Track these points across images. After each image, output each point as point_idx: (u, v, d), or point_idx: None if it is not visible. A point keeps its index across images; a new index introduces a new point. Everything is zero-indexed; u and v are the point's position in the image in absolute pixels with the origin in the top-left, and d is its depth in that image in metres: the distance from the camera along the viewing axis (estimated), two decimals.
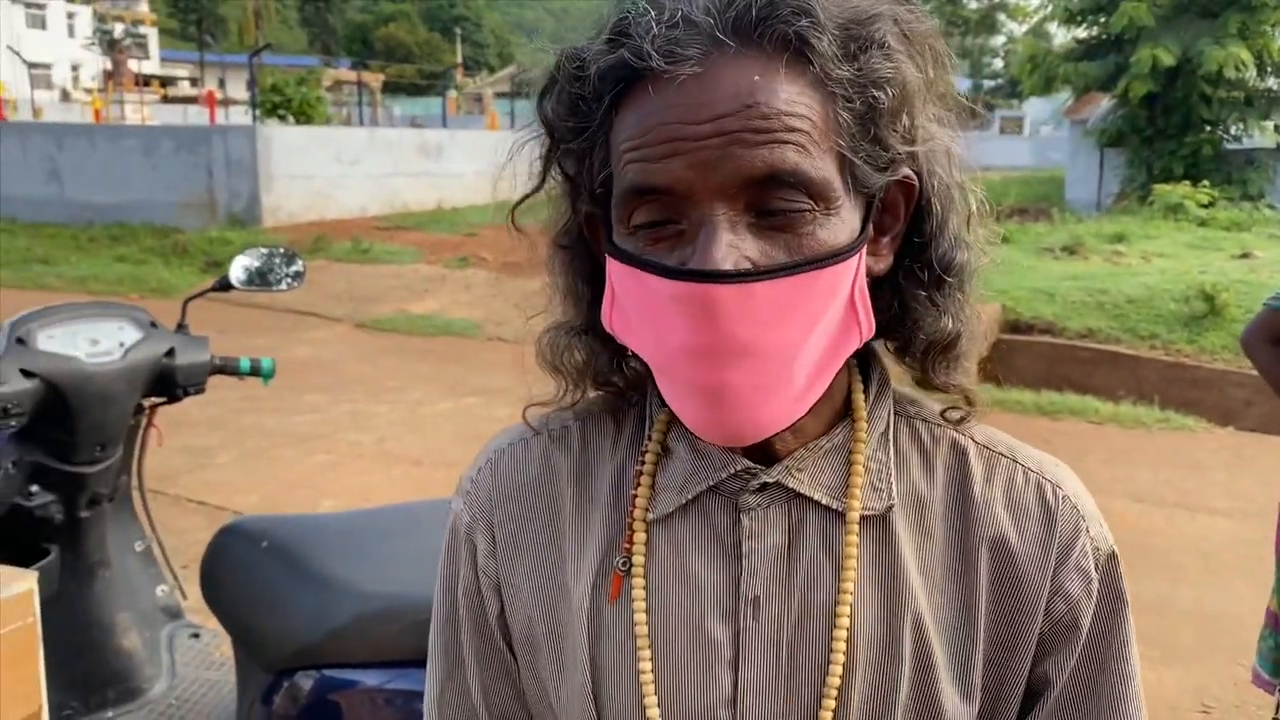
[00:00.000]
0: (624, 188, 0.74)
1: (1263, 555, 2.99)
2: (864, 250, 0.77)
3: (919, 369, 0.84)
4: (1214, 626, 4.18)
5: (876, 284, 0.81)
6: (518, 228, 0.87)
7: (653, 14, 0.72)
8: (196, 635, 2.74)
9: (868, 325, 0.78)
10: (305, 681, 1.99)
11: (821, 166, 0.71)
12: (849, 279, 0.75)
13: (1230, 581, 4.57)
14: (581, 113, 0.76)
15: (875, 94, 0.73)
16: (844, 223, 0.74)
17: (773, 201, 0.71)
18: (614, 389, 0.88)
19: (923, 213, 0.80)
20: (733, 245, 0.70)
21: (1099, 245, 13.96)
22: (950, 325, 0.82)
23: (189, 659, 2.69)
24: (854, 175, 0.74)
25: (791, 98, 0.71)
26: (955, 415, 0.86)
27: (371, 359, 8.88)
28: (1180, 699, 3.68)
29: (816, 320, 0.73)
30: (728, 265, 0.69)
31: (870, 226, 0.77)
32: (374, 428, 6.76)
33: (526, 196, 0.85)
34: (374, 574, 2.01)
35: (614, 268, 0.77)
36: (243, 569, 2.16)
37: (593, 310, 0.84)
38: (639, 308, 0.75)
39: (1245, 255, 13.00)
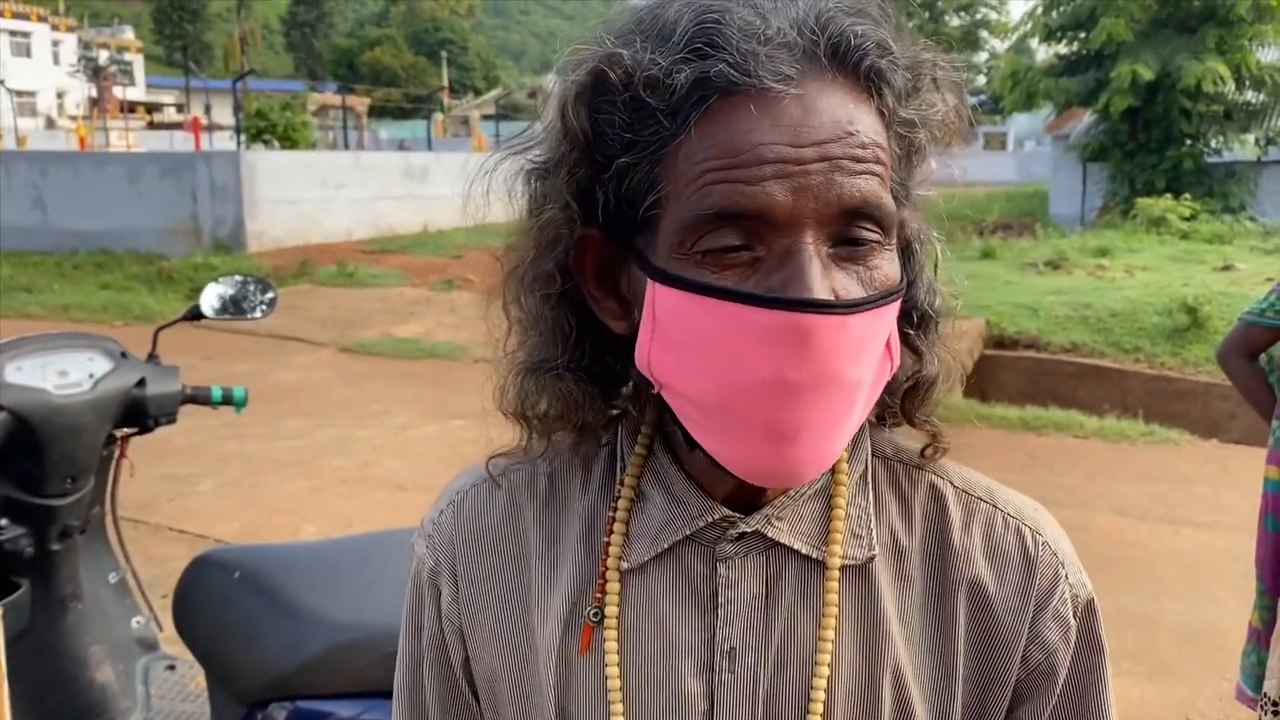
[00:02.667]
0: (702, 210, 0.68)
1: (1247, 569, 3.00)
2: None
3: (890, 409, 0.83)
4: (1199, 641, 4.17)
5: None
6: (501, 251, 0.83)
7: (746, 25, 0.68)
8: (172, 667, 2.71)
9: (897, 360, 0.77)
10: (279, 713, 1.97)
11: (890, 200, 0.71)
12: (894, 317, 0.74)
13: (1215, 595, 4.57)
14: (640, 125, 0.70)
15: (919, 135, 0.74)
16: (894, 259, 0.73)
17: (854, 232, 0.69)
18: (588, 433, 0.83)
19: (905, 256, 0.79)
20: (825, 276, 0.68)
21: (1082, 259, 14.04)
22: (929, 368, 0.82)
23: (164, 691, 2.66)
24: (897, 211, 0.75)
25: (875, 129, 0.70)
26: (931, 454, 0.85)
27: (356, 383, 8.85)
28: (1164, 714, 3.67)
29: (879, 354, 0.72)
30: (825, 295, 0.67)
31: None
32: (357, 452, 6.73)
33: (550, 219, 0.76)
34: (347, 604, 1.99)
35: (666, 296, 0.71)
36: (215, 600, 2.14)
37: (579, 346, 0.80)
38: (702, 340, 0.69)
39: (1227, 267, 13.09)
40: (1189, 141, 20.61)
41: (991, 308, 10.63)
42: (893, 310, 0.73)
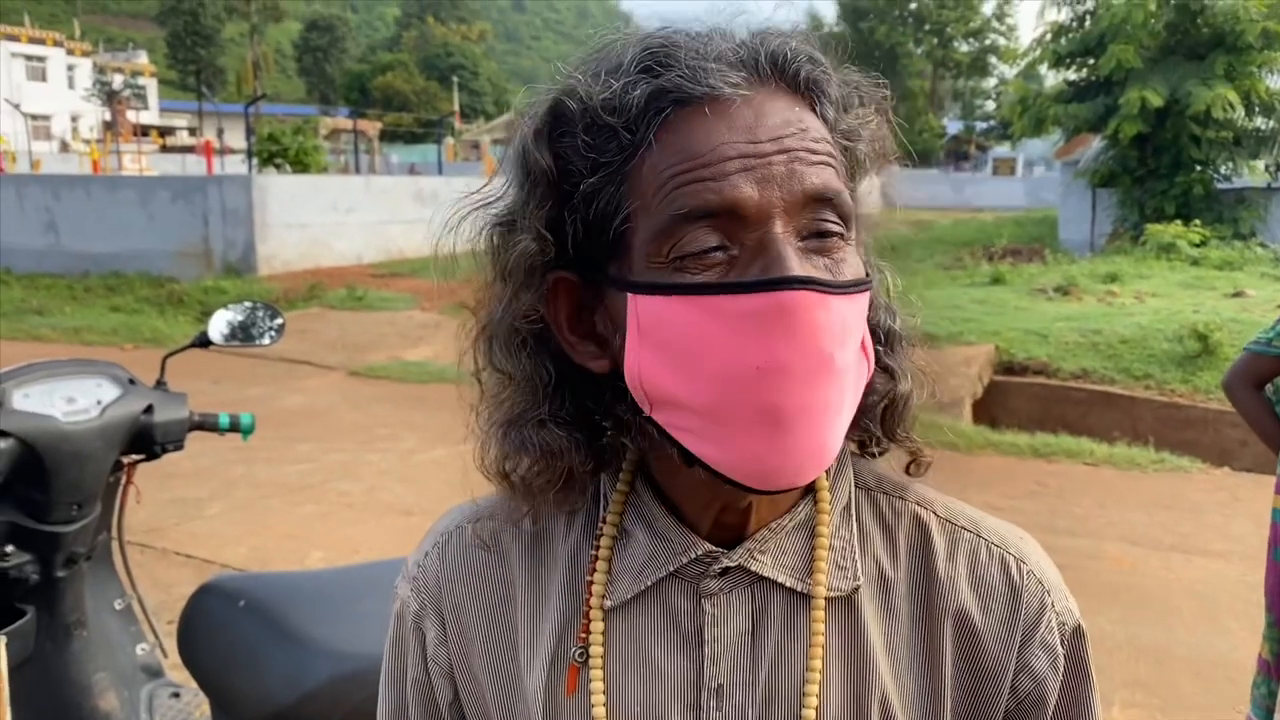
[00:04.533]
0: (675, 212, 0.70)
1: (1260, 599, 2.97)
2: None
3: (871, 433, 0.84)
4: (1212, 673, 4.13)
5: None
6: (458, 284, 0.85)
7: (690, 47, 0.74)
8: (177, 694, 2.70)
9: (870, 367, 0.77)
10: None
11: (847, 192, 0.74)
12: (866, 311, 0.76)
13: (1228, 626, 4.53)
14: (602, 147, 0.73)
15: (859, 148, 0.78)
16: (856, 255, 0.76)
17: (819, 223, 0.72)
18: (575, 483, 0.82)
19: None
20: (800, 260, 0.70)
21: (1092, 285, 14.00)
22: (904, 384, 0.82)
23: (168, 718, 2.65)
24: None
25: (823, 130, 0.75)
26: (913, 471, 0.86)
27: (364, 407, 8.86)
28: None
29: (855, 348, 0.74)
30: (804, 274, 0.69)
31: None
32: (365, 477, 6.72)
33: (527, 255, 0.76)
34: (350, 634, 1.99)
35: (649, 305, 0.72)
36: (220, 628, 2.13)
37: (558, 394, 0.80)
38: (690, 339, 0.70)
39: (1238, 294, 13.05)
40: (1199, 167, 20.59)
41: (1001, 334, 10.61)
42: (864, 302, 0.75)
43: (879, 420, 0.83)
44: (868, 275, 0.76)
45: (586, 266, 0.76)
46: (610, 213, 0.73)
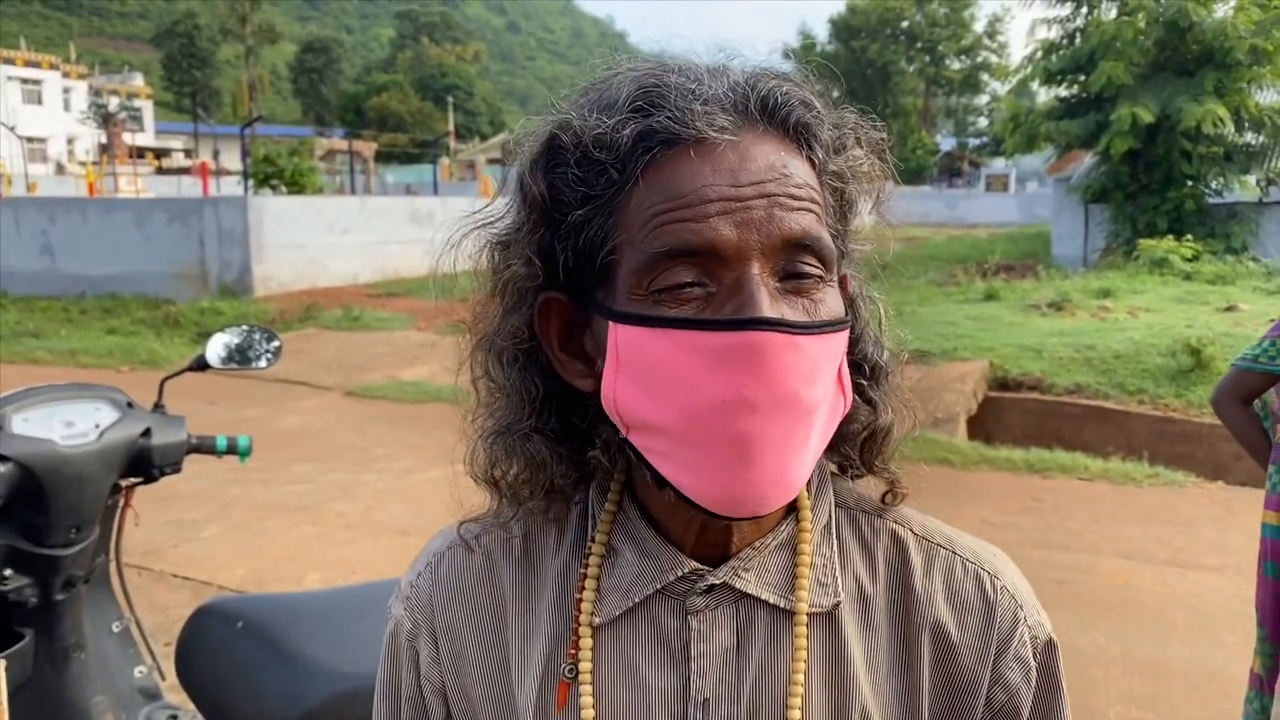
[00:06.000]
0: (655, 249, 0.73)
1: (1254, 614, 2.98)
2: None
3: (852, 459, 0.87)
4: (1207, 687, 4.14)
5: None
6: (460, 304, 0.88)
7: (682, 88, 0.76)
8: (175, 717, 2.70)
9: (847, 401, 0.80)
10: None
11: (828, 237, 0.76)
12: (843, 349, 0.78)
13: (1223, 640, 4.54)
14: (592, 180, 0.76)
15: (850, 188, 0.81)
16: (837, 295, 0.78)
17: (797, 265, 0.74)
18: (558, 494, 0.86)
19: (849, 312, 0.83)
20: (773, 302, 0.72)
21: (1085, 301, 14.05)
22: (885, 417, 0.85)
23: None
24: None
25: (806, 175, 0.77)
26: (891, 501, 0.89)
27: (360, 427, 8.87)
28: None
29: (828, 385, 0.76)
30: (775, 315, 0.71)
31: None
32: (361, 497, 6.73)
33: (517, 278, 0.81)
34: (348, 654, 2.00)
35: (627, 334, 0.75)
36: (218, 650, 2.14)
37: (545, 408, 0.84)
38: (663, 369, 0.73)
39: (1230, 308, 13.09)
40: (1190, 183, 20.69)
41: (995, 349, 10.63)
42: (841, 341, 0.77)
43: (858, 449, 0.86)
44: (848, 314, 0.79)
45: (577, 290, 0.80)
46: (598, 243, 0.77)
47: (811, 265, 0.75)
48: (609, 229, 0.76)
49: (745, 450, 0.72)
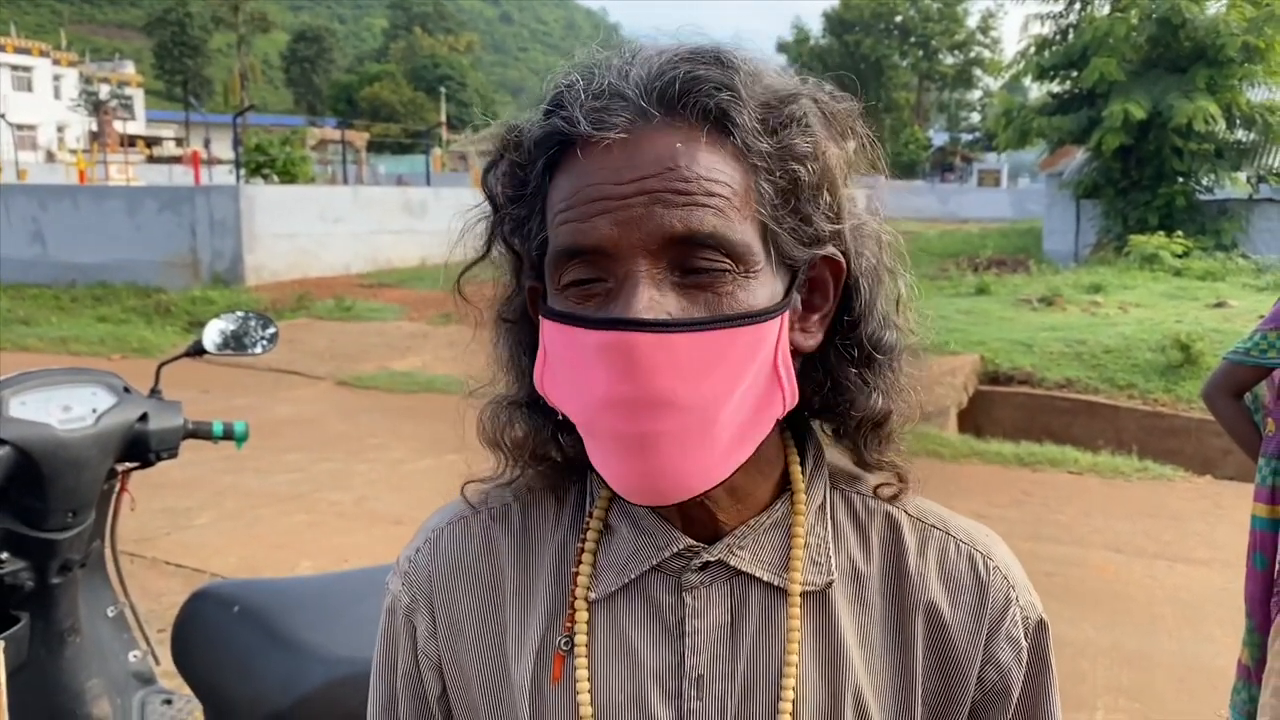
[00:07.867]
0: (555, 248, 0.76)
1: (1242, 606, 3.01)
2: (785, 318, 0.79)
3: (854, 448, 0.87)
4: (1195, 679, 4.17)
5: (810, 362, 0.83)
6: (464, 296, 0.90)
7: (584, 86, 0.77)
8: (169, 701, 2.71)
9: (791, 393, 0.80)
10: None
11: (741, 231, 0.74)
12: (770, 343, 0.77)
13: (1211, 633, 4.58)
14: (519, 180, 0.80)
15: (795, 168, 0.77)
16: (764, 287, 0.76)
17: (694, 260, 0.74)
18: (553, 465, 0.88)
19: (851, 292, 0.83)
20: (654, 299, 0.72)
21: (1076, 296, 14.11)
22: (880, 403, 0.84)
23: None
24: (776, 245, 0.78)
25: (711, 165, 0.74)
26: (888, 492, 0.89)
27: (353, 417, 8.86)
28: None
29: (737, 380, 0.74)
30: (647, 316, 0.71)
31: (794, 296, 0.80)
32: (354, 486, 6.73)
33: (470, 266, 0.87)
34: (344, 639, 2.00)
35: (545, 327, 0.79)
36: (214, 634, 2.15)
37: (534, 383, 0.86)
38: (567, 363, 0.76)
39: (1220, 304, 13.17)
40: (1181, 179, 20.78)
41: (986, 344, 10.68)
42: (761, 332, 0.75)
43: (853, 438, 0.86)
44: (777, 305, 0.77)
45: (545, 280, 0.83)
46: (534, 239, 0.81)
47: (711, 260, 0.74)
48: (538, 226, 0.80)
49: (629, 445, 0.73)
